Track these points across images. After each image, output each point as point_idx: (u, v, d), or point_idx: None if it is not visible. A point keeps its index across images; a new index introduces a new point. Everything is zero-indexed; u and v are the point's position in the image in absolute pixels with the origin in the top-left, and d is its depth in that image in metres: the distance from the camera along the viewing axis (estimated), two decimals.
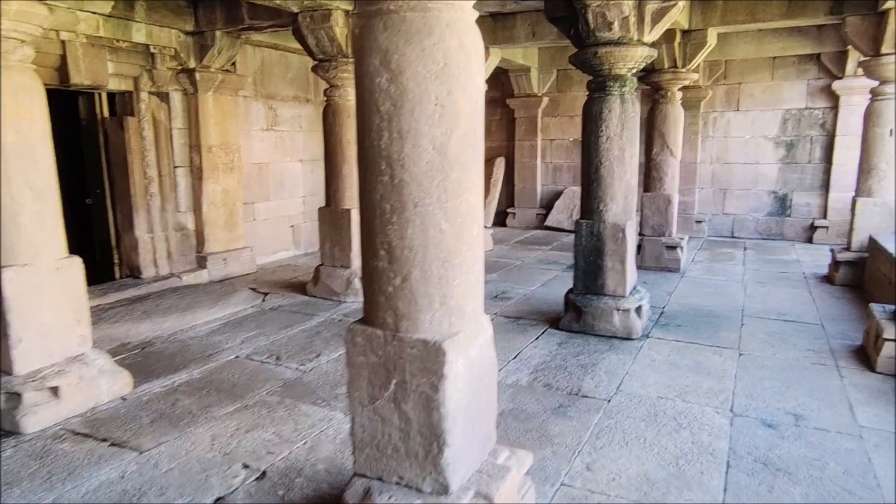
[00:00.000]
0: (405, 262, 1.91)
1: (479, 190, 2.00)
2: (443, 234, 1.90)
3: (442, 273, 1.92)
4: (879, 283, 5.24)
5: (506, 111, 10.29)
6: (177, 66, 5.97)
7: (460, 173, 1.90)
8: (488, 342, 2.16)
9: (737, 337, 4.43)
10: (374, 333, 2.00)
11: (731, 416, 3.18)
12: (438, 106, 1.83)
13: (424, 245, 1.89)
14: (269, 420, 3.20)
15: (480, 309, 2.13)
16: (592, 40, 4.25)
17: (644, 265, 6.71)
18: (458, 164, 1.89)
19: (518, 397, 3.47)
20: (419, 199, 1.87)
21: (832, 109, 8.35)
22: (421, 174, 1.85)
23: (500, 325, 4.82)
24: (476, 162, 1.97)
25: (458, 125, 1.87)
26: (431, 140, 1.84)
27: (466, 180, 1.92)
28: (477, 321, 2.09)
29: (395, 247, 1.91)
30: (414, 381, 1.95)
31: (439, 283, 1.93)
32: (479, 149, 1.99)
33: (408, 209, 1.87)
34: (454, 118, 1.86)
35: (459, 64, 1.84)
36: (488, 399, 2.21)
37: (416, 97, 1.81)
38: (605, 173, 4.40)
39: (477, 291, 2.07)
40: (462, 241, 1.94)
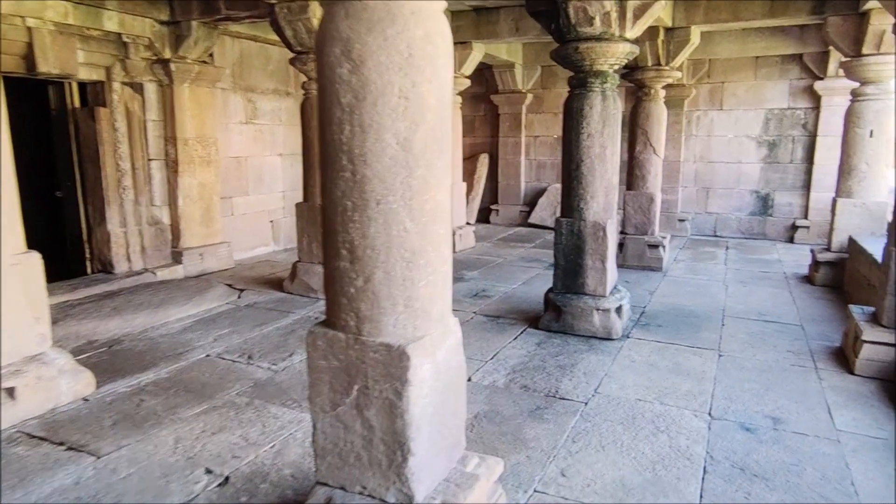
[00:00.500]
0: (368, 263, 1.82)
1: (446, 188, 1.91)
2: (407, 234, 1.81)
3: (406, 274, 1.84)
4: (859, 283, 5.24)
5: (490, 107, 10.21)
6: (151, 56, 5.81)
7: (426, 170, 1.81)
8: (456, 345, 2.08)
9: (717, 337, 4.40)
10: (335, 336, 1.91)
11: (709, 419, 3.13)
12: (402, 99, 1.74)
13: (388, 245, 1.81)
14: (236, 422, 3.10)
15: (448, 311, 2.05)
16: (573, 35, 4.17)
17: (626, 264, 6.67)
18: (424, 161, 1.81)
19: (494, 399, 3.40)
20: (382, 197, 1.78)
21: (814, 110, 8.37)
22: (384, 170, 1.76)
23: (479, 324, 4.75)
24: (443, 159, 1.88)
25: (424, 119, 1.78)
26: (395, 134, 1.75)
27: (433, 177, 1.83)
28: (444, 324, 2.00)
29: (357, 246, 1.82)
30: (377, 387, 1.87)
31: (403, 285, 1.84)
32: (447, 145, 1.90)
33: (370, 207, 1.78)
34: (419, 112, 1.77)
35: (425, 55, 1.75)
36: (457, 405, 2.13)
37: (379, 89, 1.72)
38: (585, 171, 4.33)
39: (444, 293, 1.99)
40: (428, 240, 1.86)
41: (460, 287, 5.90)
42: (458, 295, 5.61)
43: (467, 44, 7.33)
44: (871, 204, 5.86)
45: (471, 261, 7.21)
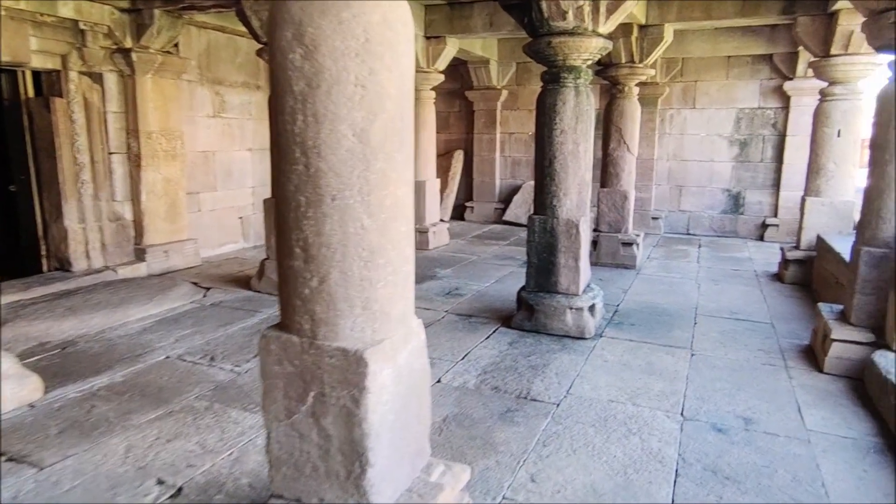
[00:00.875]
0: (323, 262, 1.71)
1: (407, 183, 1.81)
2: (365, 231, 1.71)
3: (364, 274, 1.73)
4: (827, 282, 5.28)
5: (465, 103, 10.12)
6: (111, 45, 5.58)
7: (385, 163, 1.71)
8: (419, 349, 1.98)
9: (689, 336, 4.37)
10: (289, 340, 1.80)
11: (681, 420, 3.09)
12: (359, 87, 1.63)
13: (344, 243, 1.70)
14: (193, 428, 2.95)
15: (410, 313, 1.95)
16: (546, 30, 4.10)
17: (600, 262, 6.65)
18: (383, 153, 1.70)
19: (464, 401, 3.31)
20: (338, 192, 1.67)
21: (783, 109, 8.45)
22: (339, 163, 1.65)
23: (451, 323, 4.66)
24: (404, 151, 1.78)
25: (383, 109, 1.67)
26: (351, 125, 1.64)
27: (392, 171, 1.73)
28: (406, 326, 1.90)
29: (311, 244, 1.71)
30: (334, 394, 1.76)
31: (361, 286, 1.73)
32: (408, 137, 1.80)
33: (325, 202, 1.67)
34: (378, 101, 1.66)
35: (383, 40, 1.64)
36: (420, 411, 2.03)
37: (334, 76, 1.61)
38: (558, 167, 4.26)
39: (406, 294, 1.89)
40: (387, 238, 1.75)
41: (433, 285, 5.81)
42: (430, 293, 5.51)
43: (441, 38, 7.22)
44: (839, 203, 5.92)
45: (444, 258, 7.12)
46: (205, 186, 7.04)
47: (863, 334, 3.64)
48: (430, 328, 4.52)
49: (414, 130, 6.34)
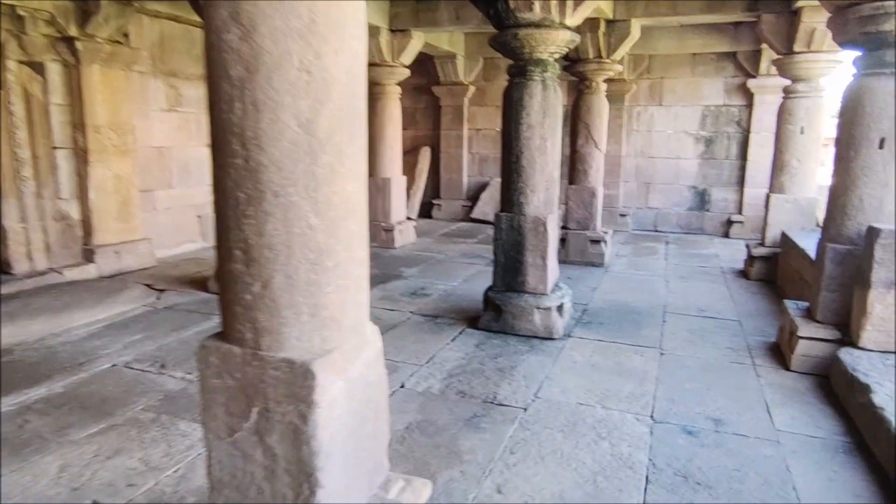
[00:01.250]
0: (265, 265, 1.55)
1: (359, 178, 1.66)
2: (312, 231, 1.55)
3: (311, 278, 1.57)
4: (791, 278, 5.30)
5: (431, 99, 9.97)
6: (55, 33, 5.26)
7: (333, 157, 1.55)
8: (375, 358, 1.84)
9: (659, 335, 4.32)
10: (230, 351, 1.63)
11: (651, 423, 3.01)
12: (304, 72, 1.47)
13: (289, 244, 1.54)
14: (137, 443, 2.75)
15: (365, 319, 1.80)
16: (512, 21, 3.98)
17: (568, 259, 6.59)
18: (331, 146, 1.55)
19: (428, 407, 3.17)
20: (281, 188, 1.51)
21: (747, 107, 8.54)
22: (282, 157, 1.49)
23: (416, 324, 4.51)
24: (355, 144, 1.62)
25: (330, 98, 1.52)
26: (295, 115, 1.48)
27: (341, 166, 1.58)
28: (360, 334, 1.75)
29: (252, 246, 1.55)
30: (279, 410, 1.60)
31: (308, 291, 1.58)
32: (360, 129, 1.65)
33: (267, 200, 1.51)
34: (324, 89, 1.51)
35: (330, 21, 1.49)
36: (377, 424, 1.88)
37: (275, 60, 1.45)
38: (525, 164, 4.16)
39: (359, 299, 1.74)
40: (337, 239, 1.60)
41: (398, 285, 5.65)
42: (395, 293, 5.36)
43: (406, 31, 7.06)
44: (802, 200, 5.97)
45: (411, 257, 6.97)
46: (160, 184, 6.74)
47: (828, 331, 3.63)
48: (394, 330, 4.38)
49: (379, 126, 6.17)
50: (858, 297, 3.41)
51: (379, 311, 4.82)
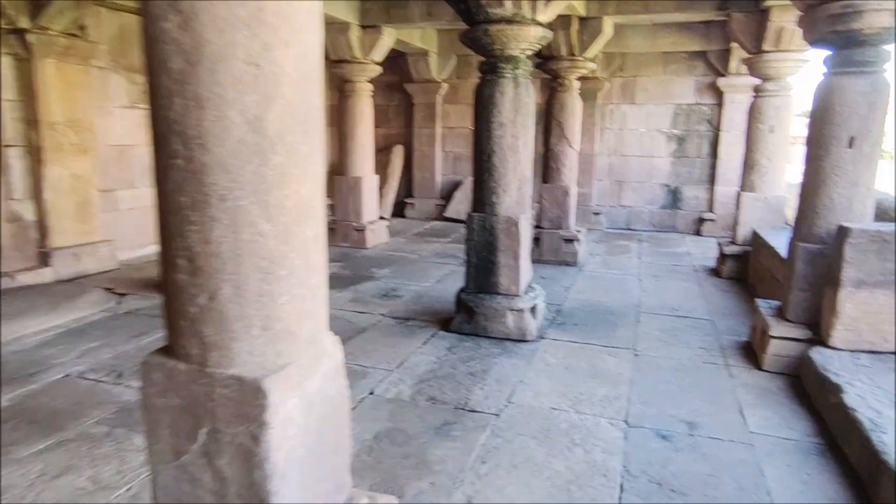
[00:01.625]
0: (212, 275, 1.43)
1: (314, 179, 1.55)
2: (263, 238, 1.44)
3: (263, 288, 1.46)
4: (762, 276, 5.33)
5: (404, 97, 9.84)
6: (5, 25, 5.00)
7: (285, 157, 1.44)
8: (335, 371, 1.73)
9: (632, 335, 4.29)
10: (175, 368, 1.51)
11: (625, 427, 2.95)
12: (251, 66, 1.36)
13: (237, 252, 1.42)
14: (87, 460, 2.59)
15: (323, 330, 1.69)
16: (483, 17, 3.89)
17: (542, 258, 6.54)
18: (283, 145, 1.43)
19: (398, 415, 3.07)
20: (228, 191, 1.39)
21: (718, 106, 8.61)
22: (229, 157, 1.38)
23: (387, 327, 4.40)
24: (309, 143, 1.51)
25: (281, 93, 1.41)
26: (242, 111, 1.36)
27: (295, 167, 1.46)
28: (318, 347, 1.64)
29: (197, 254, 1.43)
30: (229, 431, 1.48)
31: (260, 302, 1.46)
32: (315, 127, 1.53)
33: (212, 204, 1.39)
34: (274, 83, 1.39)
35: (279, 11, 1.37)
36: (338, 440, 1.77)
37: (219, 52, 1.33)
38: (497, 163, 4.08)
39: (317, 309, 1.62)
40: (291, 246, 1.49)
41: (369, 286, 5.53)
42: (366, 295, 5.24)
43: (377, 28, 6.93)
44: (772, 198, 6.01)
45: (383, 257, 6.84)
46: (122, 183, 6.50)
47: (800, 331, 3.63)
48: (364, 333, 4.26)
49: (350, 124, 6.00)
50: (829, 297, 3.41)
51: (349, 314, 4.71)
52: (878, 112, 3.41)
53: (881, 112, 3.42)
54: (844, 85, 3.45)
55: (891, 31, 3.26)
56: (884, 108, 3.42)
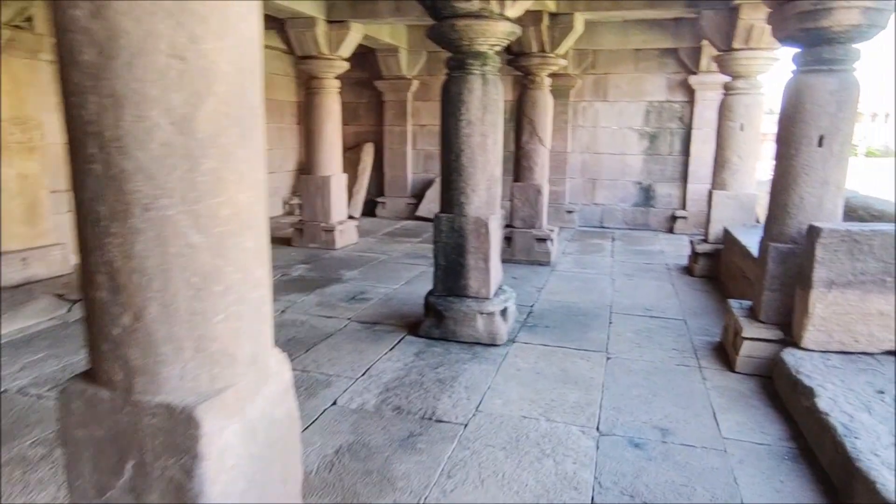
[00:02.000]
0: (136, 293, 1.28)
1: (254, 186, 1.41)
2: (194, 251, 1.29)
3: (195, 306, 1.32)
4: (734, 275, 5.32)
5: (374, 94, 9.67)
6: None
7: (219, 162, 1.30)
8: (282, 392, 1.59)
9: (605, 337, 4.21)
10: (97, 396, 1.36)
11: (597, 435, 2.87)
12: (176, 59, 1.21)
13: (164, 267, 1.28)
14: (20, 486, 2.40)
15: (267, 350, 1.55)
16: (450, 12, 3.77)
17: (514, 258, 6.46)
18: (216, 149, 1.29)
19: (361, 426, 2.93)
20: (152, 200, 1.24)
21: (689, 103, 8.63)
22: (152, 162, 1.23)
23: (353, 332, 4.26)
24: (249, 146, 1.37)
25: (212, 91, 1.26)
26: (167, 111, 1.22)
27: (231, 172, 1.32)
28: (260, 367, 1.50)
29: (118, 270, 1.28)
30: (158, 464, 1.34)
31: (192, 321, 1.32)
32: (254, 129, 1.39)
33: (134, 214, 1.24)
34: (204, 80, 1.25)
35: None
36: (286, 467, 1.64)
37: (137, 43, 1.18)
38: (465, 162, 3.96)
39: (259, 327, 1.48)
40: (227, 258, 1.35)
41: (336, 289, 5.38)
42: (333, 299, 5.08)
43: (344, 23, 6.75)
44: (743, 196, 6.02)
45: (351, 259, 6.68)
46: None
47: (772, 332, 3.60)
48: (330, 339, 4.11)
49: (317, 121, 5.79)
50: (800, 298, 3.37)
51: (315, 319, 4.55)
52: (847, 111, 3.39)
53: (851, 111, 3.40)
54: (814, 83, 3.41)
55: (860, 29, 3.23)
56: (853, 107, 3.40)
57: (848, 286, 3.23)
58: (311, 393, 3.31)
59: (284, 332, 4.25)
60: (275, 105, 9.67)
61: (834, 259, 3.20)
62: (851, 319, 3.26)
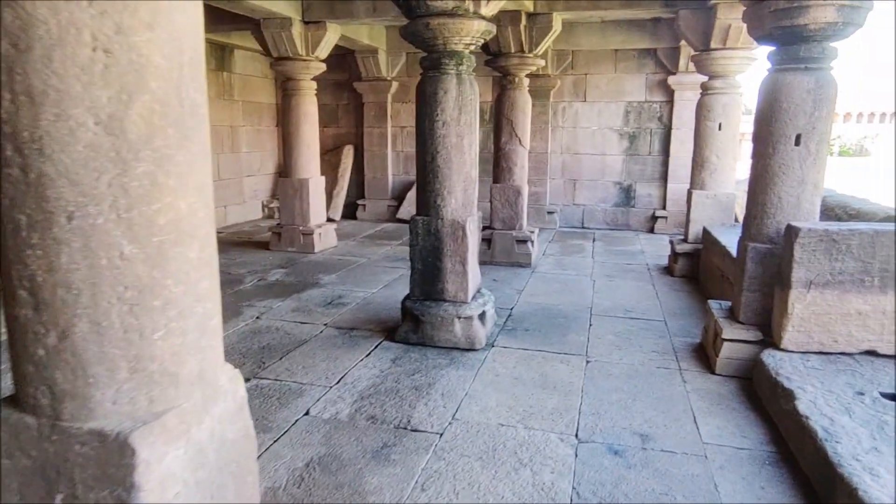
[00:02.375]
0: (62, 310, 1.18)
1: (199, 191, 1.31)
2: (127, 263, 1.19)
3: (130, 323, 1.21)
4: (713, 275, 5.30)
5: (354, 95, 9.55)
6: None
7: (155, 165, 1.20)
8: (235, 410, 1.49)
9: (584, 340, 4.15)
10: (22, 422, 1.25)
11: (576, 443, 2.79)
12: (101, 52, 1.11)
13: (93, 280, 1.17)
14: None
15: (216, 366, 1.44)
16: (424, 10, 3.68)
17: (494, 260, 6.38)
18: (150, 151, 1.19)
19: (334, 438, 2.83)
20: (78, 207, 1.14)
21: (668, 103, 8.63)
22: (77, 166, 1.13)
23: (329, 338, 4.15)
24: (190, 148, 1.27)
25: (146, 87, 1.16)
26: (92, 109, 1.12)
27: (169, 176, 1.22)
28: (208, 385, 1.40)
29: (41, 285, 1.17)
30: (91, 496, 1.23)
31: (126, 340, 1.22)
32: (197, 129, 1.29)
33: (58, 224, 1.14)
34: (135, 75, 1.15)
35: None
36: (240, 491, 1.53)
37: (55, 34, 1.08)
38: (441, 164, 3.87)
39: (206, 342, 1.38)
40: (166, 270, 1.24)
41: (314, 294, 5.26)
42: (310, 304, 4.97)
43: (321, 23, 6.63)
44: (721, 195, 6.00)
45: (330, 262, 6.56)
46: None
47: (751, 333, 3.55)
48: (304, 346, 4.00)
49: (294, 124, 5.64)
50: (779, 298, 3.33)
51: (290, 325, 4.43)
52: (824, 109, 3.36)
53: (828, 110, 3.37)
54: (790, 81, 3.37)
55: (837, 27, 3.20)
56: (830, 106, 3.37)
57: (826, 286, 3.19)
58: (283, 403, 3.20)
59: (258, 340, 4.13)
60: (253, 107, 9.52)
61: (812, 259, 3.17)
62: (830, 320, 3.22)
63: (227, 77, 8.89)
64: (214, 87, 8.64)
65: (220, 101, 8.77)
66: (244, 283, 5.66)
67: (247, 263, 6.45)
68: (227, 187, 9.06)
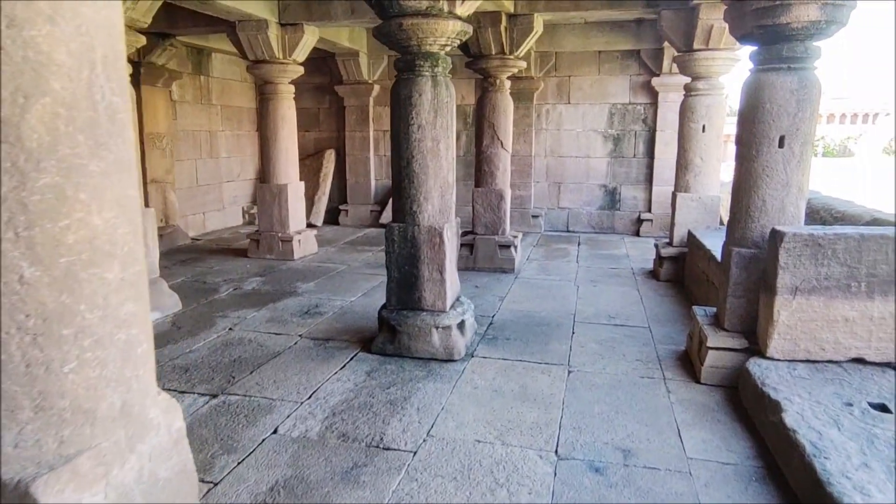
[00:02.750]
0: None
1: (119, 204, 1.17)
2: (28, 287, 1.05)
3: (33, 356, 1.07)
4: (698, 279, 5.21)
5: (335, 99, 9.41)
6: None
7: (62, 176, 1.06)
8: (169, 448, 1.34)
9: (567, 349, 4.03)
10: None
11: (555, 460, 2.67)
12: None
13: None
14: None
15: (145, 398, 1.30)
16: (397, 10, 3.56)
17: (476, 266, 6.27)
18: (56, 161, 1.05)
19: (302, 458, 2.69)
20: None
21: (652, 105, 8.57)
22: None
23: (303, 350, 4.00)
24: (104, 157, 1.13)
25: (46, 88, 1.03)
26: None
27: (80, 189, 1.08)
28: (134, 421, 1.26)
29: None
30: None
31: (30, 375, 1.07)
32: (114, 134, 1.15)
33: None
34: (33, 74, 1.01)
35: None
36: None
37: None
38: (417, 168, 3.75)
39: (131, 373, 1.24)
40: (78, 295, 1.10)
41: (290, 303, 5.10)
42: (285, 314, 4.81)
43: (298, 26, 6.49)
44: (706, 198, 5.93)
45: (309, 270, 6.41)
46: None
47: (737, 340, 3.45)
48: (277, 359, 3.85)
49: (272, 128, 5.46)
50: (765, 304, 3.24)
51: (263, 336, 4.28)
52: (808, 110, 3.27)
53: (811, 110, 3.29)
54: (773, 82, 3.29)
55: (819, 26, 3.11)
56: (814, 107, 3.29)
57: (812, 292, 3.10)
58: (250, 421, 3.05)
59: (230, 353, 3.98)
60: (232, 112, 9.35)
61: (798, 264, 3.07)
62: (817, 327, 3.13)
63: (204, 81, 8.72)
64: (192, 90, 8.46)
65: (198, 106, 8.59)
66: (219, 292, 5.50)
67: (223, 272, 6.28)
68: (206, 193, 8.88)
